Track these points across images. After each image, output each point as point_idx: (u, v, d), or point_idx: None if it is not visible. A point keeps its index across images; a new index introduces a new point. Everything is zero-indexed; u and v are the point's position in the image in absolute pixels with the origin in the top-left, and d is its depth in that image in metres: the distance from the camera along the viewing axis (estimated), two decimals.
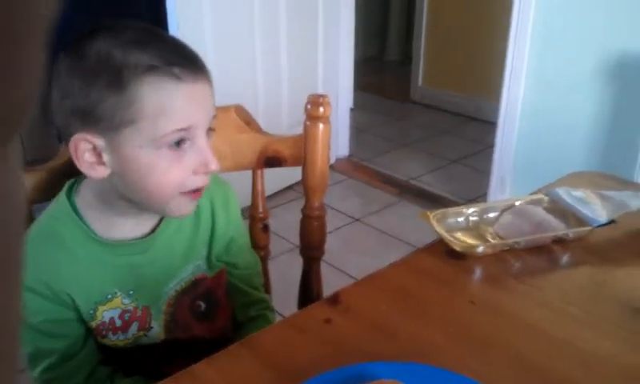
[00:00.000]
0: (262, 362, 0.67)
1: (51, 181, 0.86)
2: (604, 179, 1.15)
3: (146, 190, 0.73)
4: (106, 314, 0.80)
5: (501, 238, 0.92)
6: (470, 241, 0.92)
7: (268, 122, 2.53)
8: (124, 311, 0.81)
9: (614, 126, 2.25)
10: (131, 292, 0.81)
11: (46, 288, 0.75)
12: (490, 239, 0.92)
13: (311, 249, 1.10)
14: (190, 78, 0.70)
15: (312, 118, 0.99)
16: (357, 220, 2.65)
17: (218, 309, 0.90)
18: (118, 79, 0.67)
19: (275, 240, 2.39)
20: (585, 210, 0.94)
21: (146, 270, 0.81)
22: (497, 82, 2.57)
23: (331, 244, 1.34)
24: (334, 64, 2.98)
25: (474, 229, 0.95)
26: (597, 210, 0.94)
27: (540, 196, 1.02)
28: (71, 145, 0.70)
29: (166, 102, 0.68)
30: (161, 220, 0.82)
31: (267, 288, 1.08)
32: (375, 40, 5.21)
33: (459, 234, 0.93)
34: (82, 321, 0.80)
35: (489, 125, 3.18)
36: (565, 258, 0.90)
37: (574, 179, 1.13)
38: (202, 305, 0.88)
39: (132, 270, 0.80)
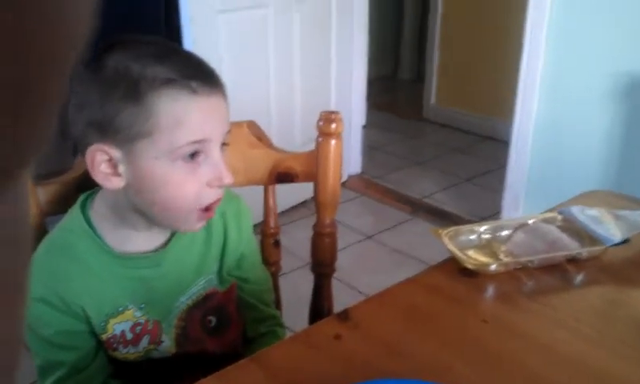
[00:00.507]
0: (271, 378, 0.67)
1: (65, 194, 0.86)
2: (617, 198, 1.14)
3: (161, 203, 0.73)
4: (117, 326, 0.80)
5: (513, 256, 0.91)
6: (483, 259, 0.91)
7: (281, 139, 2.54)
8: (135, 324, 0.81)
9: (627, 145, 2.24)
10: (142, 305, 0.81)
11: (58, 300, 0.76)
12: (503, 257, 0.91)
13: (322, 265, 1.09)
14: (205, 91, 0.71)
15: (324, 134, 0.99)
16: (369, 237, 2.64)
17: (229, 324, 0.90)
18: (135, 91, 0.68)
19: (287, 256, 2.39)
20: (599, 229, 0.94)
21: (158, 284, 0.81)
22: (510, 100, 2.57)
23: (343, 261, 1.34)
24: (346, 82, 2.99)
25: (487, 247, 0.95)
26: (611, 229, 0.93)
27: (553, 214, 1.01)
28: (88, 156, 0.71)
29: (181, 115, 0.69)
30: (173, 234, 0.82)
31: (277, 304, 1.08)
32: (388, 58, 5.23)
33: (471, 252, 0.92)
34: (93, 333, 0.80)
35: (502, 144, 3.17)
36: (578, 278, 0.89)
37: (588, 198, 1.12)
38: (213, 320, 0.88)
39: (143, 284, 0.80)
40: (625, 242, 0.92)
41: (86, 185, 0.87)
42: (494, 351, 0.73)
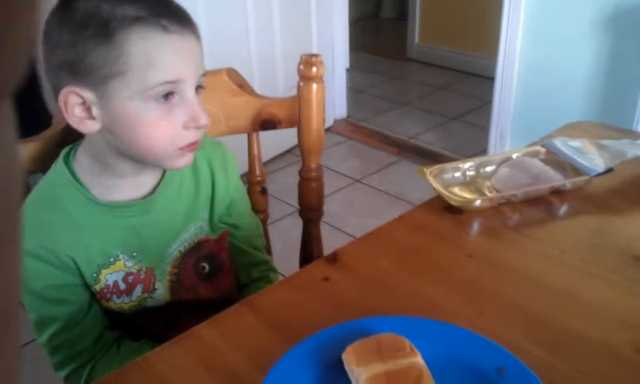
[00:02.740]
0: (263, 322, 0.68)
1: (46, 151, 0.85)
2: (601, 129, 1.15)
3: (137, 144, 0.73)
4: (110, 277, 0.80)
5: (498, 191, 0.92)
6: (468, 195, 0.92)
7: (263, 86, 2.51)
8: (127, 274, 0.81)
9: (613, 76, 2.23)
10: (135, 253, 0.81)
11: (47, 253, 0.75)
12: (487, 193, 0.92)
13: (310, 210, 1.10)
14: (177, 29, 0.70)
15: (305, 78, 0.98)
16: (357, 181, 2.65)
17: (222, 270, 0.91)
18: (105, 30, 0.67)
19: (276, 203, 2.40)
20: (582, 160, 0.94)
21: (148, 231, 0.81)
22: (494, 36, 2.54)
23: (332, 205, 1.35)
24: (328, 24, 2.94)
25: (471, 183, 0.95)
26: (594, 160, 0.94)
27: (537, 148, 1.01)
28: (61, 99, 0.70)
29: (153, 53, 0.68)
30: (160, 181, 0.82)
31: (268, 251, 1.09)
32: None
33: (456, 189, 0.93)
34: (85, 286, 0.80)
35: (487, 80, 3.16)
36: (563, 209, 0.90)
37: (572, 129, 1.12)
38: (206, 266, 0.89)
39: (133, 232, 0.80)
40: (608, 171, 0.93)
41: (67, 140, 0.86)
42: (480, 285, 0.74)
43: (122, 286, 0.82)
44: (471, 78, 3.79)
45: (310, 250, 1.12)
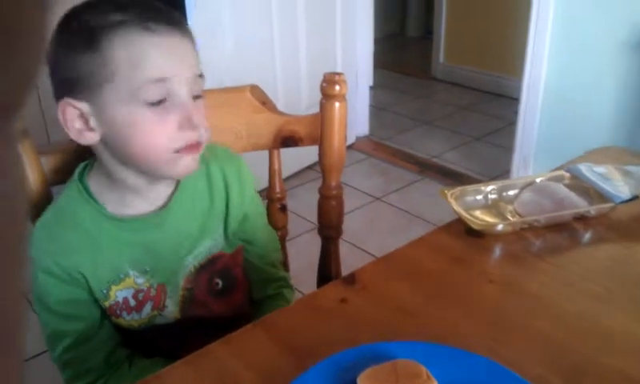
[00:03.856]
0: (278, 342, 0.67)
1: (70, 162, 0.86)
2: (627, 155, 1.12)
3: (135, 152, 0.73)
4: (120, 293, 0.80)
5: (520, 215, 0.90)
6: (489, 219, 0.91)
7: (287, 102, 2.52)
8: (137, 291, 0.81)
9: (638, 102, 2.20)
10: (147, 269, 0.81)
11: (59, 269, 0.76)
12: (510, 217, 0.90)
13: (329, 228, 1.09)
14: (164, 30, 0.70)
15: (328, 96, 0.98)
16: (377, 199, 2.64)
17: (236, 286, 0.91)
18: (90, 39, 0.68)
19: (295, 219, 2.39)
20: (607, 187, 0.92)
21: (161, 246, 0.81)
22: (519, 57, 2.52)
23: (352, 223, 1.34)
24: (352, 42, 2.95)
25: (493, 207, 0.94)
26: (619, 186, 0.92)
27: (561, 172, 0.99)
28: (59, 112, 0.71)
29: (138, 53, 0.69)
30: (173, 194, 0.81)
31: (286, 266, 1.08)
32: (395, 16, 5.14)
33: (478, 213, 0.92)
34: (96, 302, 0.80)
35: (511, 101, 3.14)
36: (587, 236, 0.89)
37: (597, 155, 1.10)
38: (220, 282, 0.88)
39: (147, 246, 0.80)
40: (633, 198, 0.91)
41: (88, 152, 0.87)
42: (500, 311, 0.72)
43: (132, 302, 0.82)
44: (496, 99, 3.76)
45: (328, 268, 1.12)
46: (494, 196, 0.95)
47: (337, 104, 0.98)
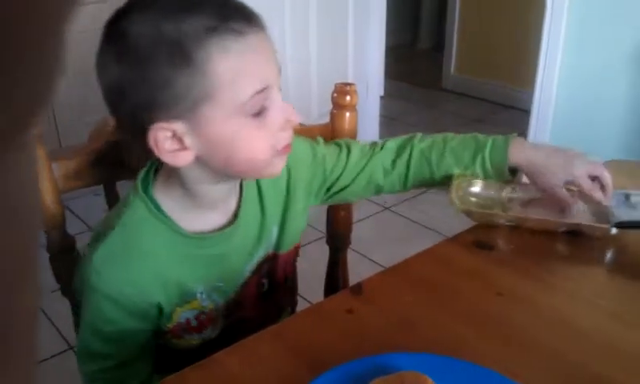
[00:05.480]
0: (285, 350, 0.67)
1: (81, 168, 0.86)
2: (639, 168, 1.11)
3: (239, 163, 0.69)
4: (183, 314, 0.76)
5: (519, 211, 0.90)
6: (485, 210, 0.90)
7: (298, 112, 2.53)
8: (200, 312, 0.77)
9: None
10: (220, 284, 0.77)
11: (126, 299, 0.71)
12: (508, 205, 0.90)
13: (337, 238, 1.09)
14: (251, 30, 0.64)
15: (339, 106, 0.98)
16: (387, 208, 2.63)
17: (281, 284, 0.88)
18: (180, 52, 0.61)
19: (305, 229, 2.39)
20: (625, 208, 0.89)
21: (230, 258, 0.78)
22: (531, 68, 2.52)
23: (360, 232, 1.34)
24: (364, 52, 2.95)
25: (498, 203, 0.93)
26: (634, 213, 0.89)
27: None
28: (150, 139, 0.64)
29: (239, 64, 0.63)
30: (239, 203, 0.78)
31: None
32: (407, 27, 5.15)
33: (473, 199, 0.91)
34: (151, 330, 0.76)
35: (523, 113, 3.12)
36: (600, 253, 0.87)
37: (608, 167, 1.09)
38: (265, 283, 0.85)
39: (221, 261, 0.77)
40: (633, 226, 0.87)
41: (101, 160, 0.87)
42: (509, 325, 0.72)
43: (194, 323, 0.77)
44: (507, 110, 3.75)
45: (335, 277, 1.12)
46: (503, 194, 0.94)
47: (347, 114, 0.98)
